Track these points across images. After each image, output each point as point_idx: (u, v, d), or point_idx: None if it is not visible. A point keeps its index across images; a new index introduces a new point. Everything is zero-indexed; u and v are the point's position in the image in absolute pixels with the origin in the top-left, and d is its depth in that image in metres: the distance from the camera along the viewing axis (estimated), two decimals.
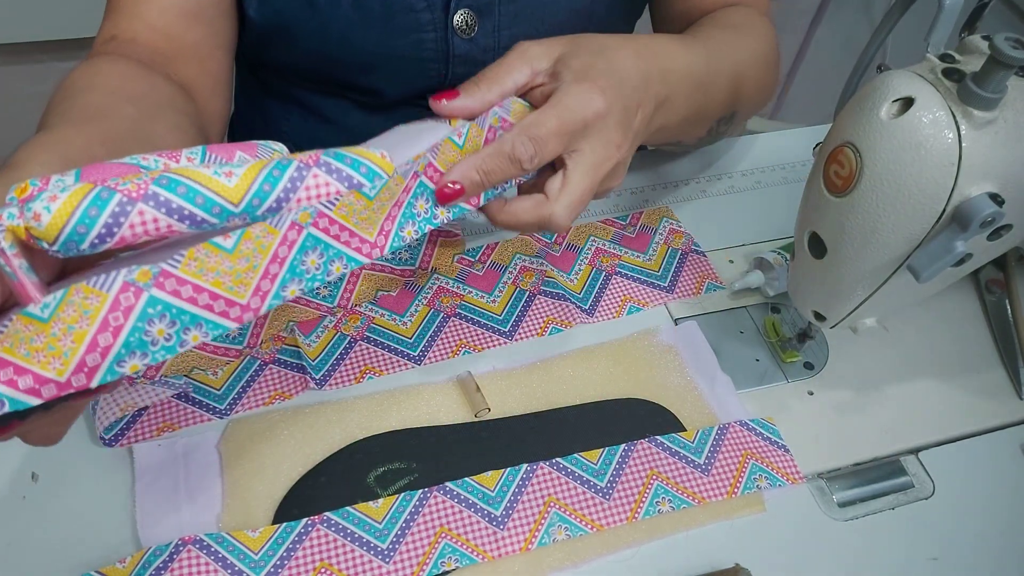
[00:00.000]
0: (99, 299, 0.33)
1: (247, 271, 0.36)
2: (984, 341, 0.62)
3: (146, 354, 0.34)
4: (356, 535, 0.47)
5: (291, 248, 0.37)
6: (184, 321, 0.34)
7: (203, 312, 0.35)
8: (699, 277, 0.64)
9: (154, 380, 0.52)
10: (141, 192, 0.34)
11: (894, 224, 0.44)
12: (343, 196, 0.40)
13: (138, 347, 0.33)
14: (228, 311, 0.36)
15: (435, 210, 0.44)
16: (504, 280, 0.62)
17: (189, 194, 0.35)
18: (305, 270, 0.38)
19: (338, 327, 0.57)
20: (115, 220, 0.33)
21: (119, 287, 0.33)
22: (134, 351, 0.33)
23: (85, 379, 0.32)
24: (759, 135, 0.80)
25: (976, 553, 0.50)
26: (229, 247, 0.36)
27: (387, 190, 0.41)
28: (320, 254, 0.39)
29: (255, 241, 0.36)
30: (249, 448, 0.50)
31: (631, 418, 0.54)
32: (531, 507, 0.49)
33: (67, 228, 0.33)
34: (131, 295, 0.33)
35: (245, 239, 0.36)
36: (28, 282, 0.33)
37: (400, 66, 0.63)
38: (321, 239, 0.39)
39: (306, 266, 0.38)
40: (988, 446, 0.55)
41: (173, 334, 0.34)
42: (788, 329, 0.60)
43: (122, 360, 0.33)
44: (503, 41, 0.63)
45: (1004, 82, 0.41)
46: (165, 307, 0.34)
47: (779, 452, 0.53)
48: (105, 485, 0.49)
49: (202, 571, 0.44)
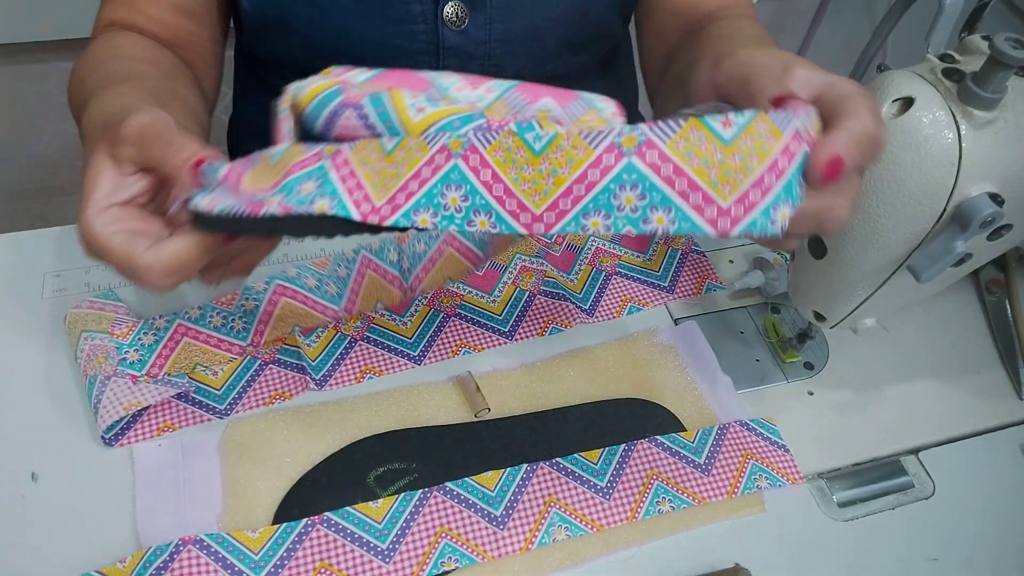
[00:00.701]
0: (422, 152, 0.36)
1: (547, 176, 0.35)
2: (984, 341, 0.62)
3: (436, 214, 0.36)
4: (356, 535, 0.47)
5: (605, 174, 0.34)
6: (476, 202, 0.36)
7: (494, 202, 0.35)
8: (699, 277, 0.64)
9: (157, 379, 0.52)
10: (355, 100, 0.38)
11: (894, 224, 0.44)
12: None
13: (434, 206, 0.36)
14: (519, 213, 0.35)
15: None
16: (504, 280, 0.62)
17: (383, 115, 0.38)
18: (618, 206, 0.34)
19: (338, 327, 0.57)
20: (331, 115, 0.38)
21: (438, 148, 0.36)
22: (428, 207, 0.36)
23: (389, 212, 0.36)
24: None
25: (976, 553, 0.50)
26: (538, 149, 0.35)
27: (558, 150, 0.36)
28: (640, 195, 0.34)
29: (563, 152, 0.35)
30: (249, 448, 0.50)
31: (631, 418, 0.54)
32: (531, 507, 0.49)
33: (308, 108, 0.39)
34: (443, 157, 0.36)
35: (553, 148, 0.35)
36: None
37: (394, 58, 0.63)
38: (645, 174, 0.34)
39: (619, 201, 0.34)
40: (988, 446, 0.55)
41: (464, 208, 0.36)
42: (788, 329, 0.60)
43: (417, 210, 0.36)
44: (495, 34, 0.63)
45: (1004, 82, 0.41)
46: (462, 178, 0.35)
47: (779, 452, 0.53)
48: (105, 485, 0.49)
49: (202, 571, 0.44)
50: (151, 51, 0.58)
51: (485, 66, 0.65)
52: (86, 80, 0.53)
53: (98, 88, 0.49)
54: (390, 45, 0.62)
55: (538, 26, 0.64)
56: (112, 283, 0.59)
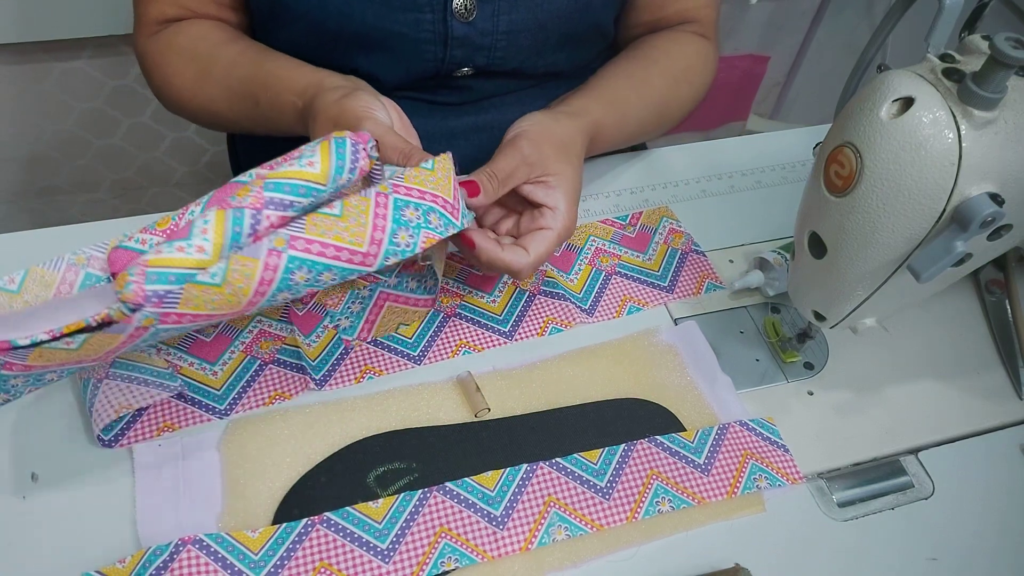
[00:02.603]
0: (252, 264, 0.42)
1: (357, 226, 0.44)
2: (984, 341, 0.62)
3: (292, 289, 0.44)
4: (356, 535, 0.47)
5: (387, 209, 0.46)
6: (317, 270, 0.43)
7: (331, 262, 0.44)
8: (699, 277, 0.64)
9: (147, 382, 0.52)
10: (261, 201, 0.43)
11: (894, 224, 0.44)
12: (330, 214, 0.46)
13: (285, 288, 0.43)
14: (351, 259, 0.44)
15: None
16: (504, 280, 0.62)
17: (292, 190, 0.44)
18: (408, 220, 0.46)
19: (338, 327, 0.57)
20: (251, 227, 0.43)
21: (265, 253, 0.42)
22: (283, 290, 0.43)
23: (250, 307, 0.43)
24: (759, 135, 0.80)
25: (975, 553, 0.50)
26: (336, 212, 0.44)
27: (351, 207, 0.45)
28: (415, 208, 0.46)
29: (355, 208, 0.45)
30: (249, 448, 0.50)
31: (631, 418, 0.54)
32: (531, 507, 0.49)
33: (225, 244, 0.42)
34: (275, 257, 0.42)
35: (346, 207, 0.45)
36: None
37: (398, 45, 0.63)
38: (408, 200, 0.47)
39: (407, 217, 0.46)
40: (988, 446, 0.55)
41: (310, 277, 0.44)
42: (788, 329, 0.60)
43: (277, 293, 0.43)
44: (501, 26, 0.63)
45: (1004, 82, 0.41)
46: (301, 261, 0.43)
47: (779, 452, 0.53)
48: (105, 485, 0.49)
49: (202, 571, 0.44)
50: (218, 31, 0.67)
51: (490, 57, 0.65)
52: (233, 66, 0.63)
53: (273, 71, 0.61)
54: (396, 31, 0.62)
55: (540, 19, 0.64)
56: None
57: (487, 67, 0.66)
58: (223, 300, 0.42)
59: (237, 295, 0.42)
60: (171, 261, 0.40)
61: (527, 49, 0.66)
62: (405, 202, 0.46)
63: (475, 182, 0.53)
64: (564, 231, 0.56)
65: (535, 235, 0.56)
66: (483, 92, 0.69)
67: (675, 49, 0.72)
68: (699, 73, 0.72)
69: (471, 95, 0.69)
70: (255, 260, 0.42)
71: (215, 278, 0.41)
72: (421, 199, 0.47)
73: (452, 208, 0.48)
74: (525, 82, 0.70)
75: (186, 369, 0.54)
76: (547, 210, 0.56)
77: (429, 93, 0.68)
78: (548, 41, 0.67)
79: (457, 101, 0.69)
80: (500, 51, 0.65)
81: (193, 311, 0.42)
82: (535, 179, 0.56)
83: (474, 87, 0.68)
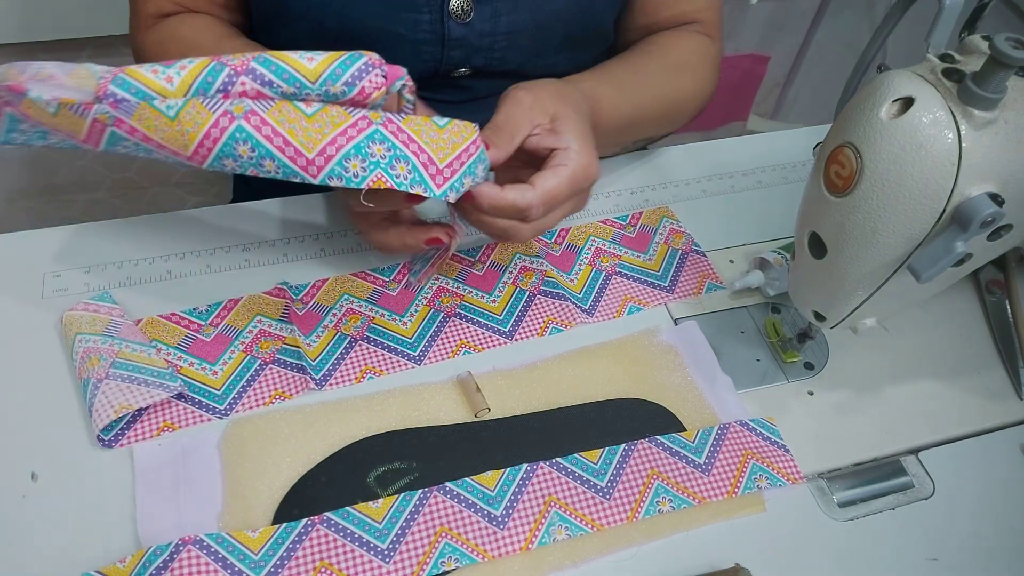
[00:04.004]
0: (206, 115, 0.44)
1: (318, 133, 0.45)
2: (984, 341, 0.62)
3: (236, 160, 0.45)
4: (356, 535, 0.47)
5: (359, 133, 0.45)
6: (261, 152, 0.44)
7: (275, 150, 0.44)
8: (699, 277, 0.64)
9: (147, 382, 0.52)
10: (244, 67, 0.45)
11: (894, 224, 0.44)
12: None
13: (229, 155, 0.45)
14: (295, 158, 0.45)
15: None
16: (504, 280, 0.62)
17: (278, 71, 0.45)
18: (370, 153, 0.45)
19: (338, 327, 0.57)
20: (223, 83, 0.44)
21: (221, 112, 0.44)
22: (227, 156, 0.45)
23: (198, 161, 0.45)
24: (759, 135, 0.80)
25: (976, 553, 0.50)
26: (309, 112, 0.45)
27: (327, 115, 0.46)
28: (387, 148, 0.46)
29: (330, 116, 0.45)
30: (249, 448, 0.50)
31: (631, 418, 0.54)
32: (531, 507, 0.49)
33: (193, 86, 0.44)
34: (227, 120, 0.44)
35: (323, 112, 0.45)
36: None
37: (396, 46, 0.63)
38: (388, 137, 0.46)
39: (371, 151, 0.45)
40: (988, 446, 0.55)
41: (254, 157, 0.45)
42: (788, 329, 0.60)
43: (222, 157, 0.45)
44: (501, 28, 0.63)
45: (1004, 82, 0.41)
46: (248, 136, 0.44)
47: (779, 452, 0.53)
48: (105, 485, 0.49)
49: (202, 571, 0.44)
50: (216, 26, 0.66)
51: (488, 59, 0.65)
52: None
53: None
54: (393, 32, 0.62)
55: (541, 20, 0.64)
56: (108, 284, 0.59)
57: (485, 68, 0.66)
58: (172, 135, 0.44)
59: (184, 137, 0.44)
60: (141, 77, 0.44)
61: (527, 51, 0.66)
62: (383, 137, 0.46)
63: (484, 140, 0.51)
64: (580, 168, 0.52)
65: (544, 172, 0.52)
66: (483, 92, 0.69)
67: (671, 43, 0.71)
68: (699, 66, 0.71)
69: (471, 94, 0.69)
70: (209, 113, 0.44)
71: (170, 111, 0.44)
72: (403, 144, 0.46)
73: (433, 171, 0.47)
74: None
75: (186, 369, 0.54)
76: (559, 151, 0.53)
77: (429, 92, 0.68)
78: (548, 43, 0.67)
79: (457, 100, 0.69)
80: (499, 52, 0.65)
81: (144, 130, 0.44)
82: (540, 128, 0.54)
83: (474, 87, 0.68)
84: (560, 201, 0.52)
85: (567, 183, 0.52)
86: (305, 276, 0.61)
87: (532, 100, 0.54)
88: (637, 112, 0.66)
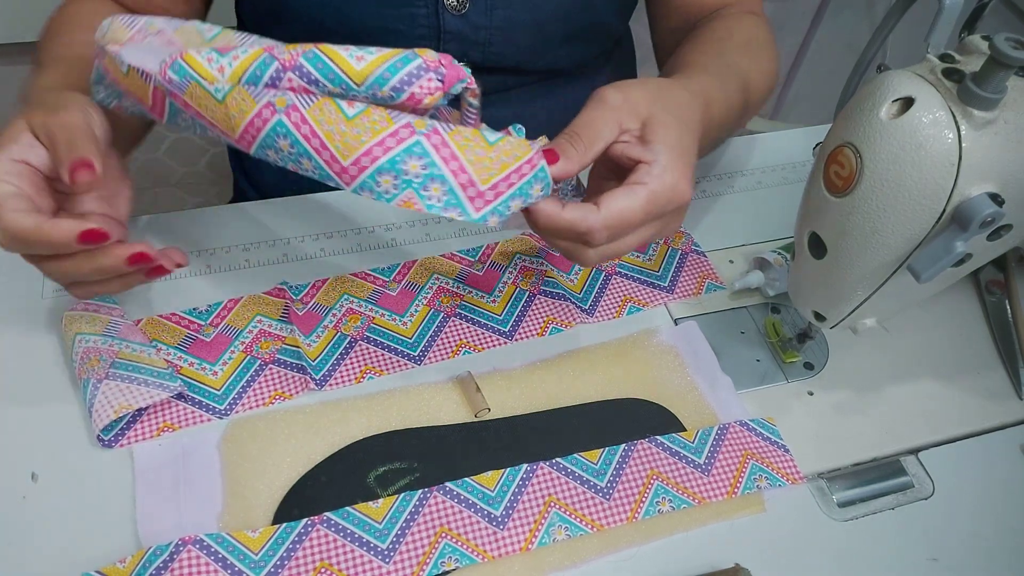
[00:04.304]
0: (249, 103, 0.43)
1: (355, 140, 0.42)
2: (984, 341, 0.62)
3: (278, 153, 0.44)
4: (356, 535, 0.47)
5: (398, 143, 0.42)
6: (299, 150, 0.43)
7: (312, 151, 0.43)
8: (699, 277, 0.64)
9: (147, 382, 0.52)
10: (292, 62, 0.43)
11: (894, 224, 0.44)
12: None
13: (271, 147, 0.44)
14: (331, 163, 0.43)
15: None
16: (504, 280, 0.62)
17: (324, 70, 0.43)
18: (404, 171, 0.42)
19: (338, 327, 0.57)
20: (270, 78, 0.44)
21: (264, 103, 0.43)
22: (269, 148, 0.44)
23: (245, 146, 0.44)
24: (759, 135, 0.80)
25: (975, 553, 0.50)
26: (350, 114, 0.43)
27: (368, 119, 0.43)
28: (424, 165, 0.42)
29: (372, 121, 0.42)
30: (249, 448, 0.50)
31: (631, 418, 0.54)
32: (531, 507, 0.49)
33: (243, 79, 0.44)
34: (269, 112, 0.43)
35: (364, 114, 0.43)
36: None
37: (394, 42, 0.63)
38: (428, 151, 0.43)
39: (407, 167, 0.42)
40: (988, 446, 0.55)
41: (293, 154, 0.43)
42: (788, 329, 0.60)
43: (265, 147, 0.44)
44: (496, 21, 0.63)
45: (1004, 82, 0.41)
46: (287, 131, 0.43)
47: (779, 452, 0.53)
48: (105, 485, 0.49)
49: (202, 571, 0.44)
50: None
51: (486, 53, 0.65)
52: (48, 44, 0.60)
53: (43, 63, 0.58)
54: (390, 28, 0.62)
55: (538, 18, 0.64)
56: None
57: (483, 63, 0.66)
58: (221, 115, 0.44)
59: (231, 120, 0.44)
60: (195, 64, 0.44)
61: (526, 47, 0.66)
62: (423, 151, 0.42)
63: (553, 149, 0.45)
64: (663, 189, 0.44)
65: (616, 191, 0.44)
66: (484, 88, 0.69)
67: (734, 25, 0.66)
68: (767, 44, 0.66)
69: None
70: (253, 103, 0.43)
71: (218, 93, 0.44)
72: (443, 161, 0.43)
73: (473, 192, 0.43)
74: (526, 79, 0.70)
75: (186, 369, 0.54)
76: (642, 165, 0.45)
77: None
78: (549, 39, 0.67)
79: None
80: (495, 47, 0.65)
81: (196, 107, 0.45)
82: (629, 134, 0.46)
83: None
84: (634, 226, 0.45)
85: (642, 206, 0.44)
86: (305, 276, 0.61)
87: (621, 101, 0.47)
88: (737, 103, 0.59)
